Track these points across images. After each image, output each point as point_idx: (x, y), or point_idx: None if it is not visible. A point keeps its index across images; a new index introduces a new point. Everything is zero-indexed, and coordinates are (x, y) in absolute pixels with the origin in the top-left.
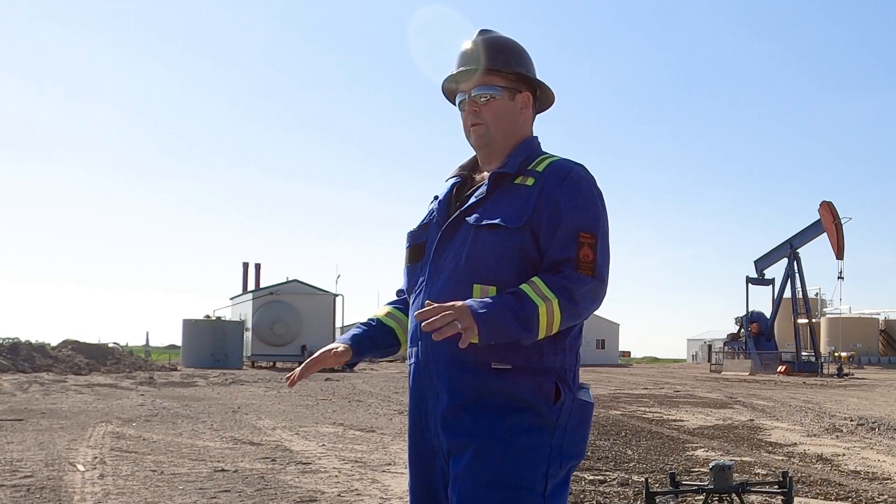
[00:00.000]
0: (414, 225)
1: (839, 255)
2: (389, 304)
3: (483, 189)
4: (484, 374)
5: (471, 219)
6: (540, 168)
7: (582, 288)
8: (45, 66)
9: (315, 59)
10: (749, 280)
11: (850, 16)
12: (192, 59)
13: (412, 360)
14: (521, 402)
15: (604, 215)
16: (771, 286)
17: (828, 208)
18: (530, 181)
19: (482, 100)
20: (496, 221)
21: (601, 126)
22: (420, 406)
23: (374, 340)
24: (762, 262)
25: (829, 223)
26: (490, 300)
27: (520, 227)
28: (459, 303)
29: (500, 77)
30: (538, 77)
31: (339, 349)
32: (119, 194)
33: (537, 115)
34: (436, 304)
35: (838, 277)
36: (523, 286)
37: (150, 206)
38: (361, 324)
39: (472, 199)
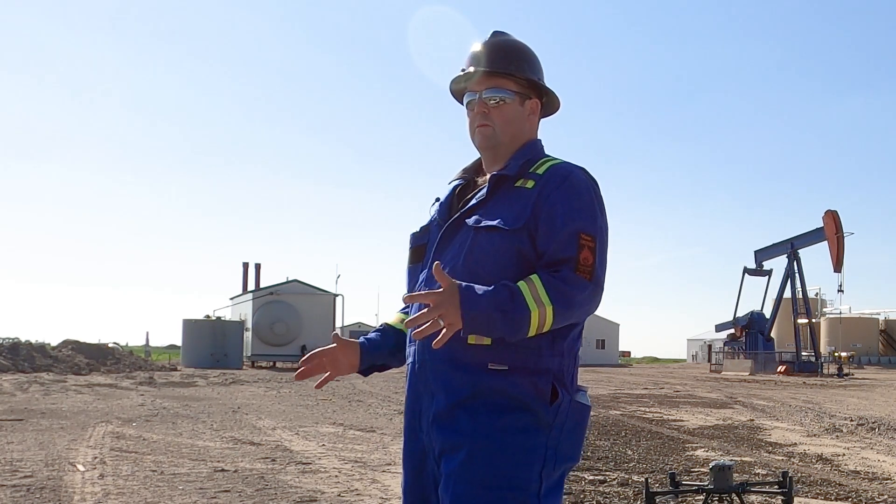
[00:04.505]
0: (416, 227)
1: (837, 267)
2: (401, 310)
3: (483, 191)
4: (480, 374)
5: (470, 221)
6: (540, 171)
7: (580, 294)
8: (45, 66)
9: (315, 59)
10: (747, 270)
11: (850, 16)
12: (192, 60)
13: (410, 360)
14: (517, 402)
15: (603, 219)
16: (768, 277)
17: (832, 218)
18: (530, 184)
19: (492, 102)
20: (495, 223)
21: (601, 126)
22: (415, 406)
23: (389, 345)
24: (762, 254)
25: (831, 233)
26: (483, 292)
27: (518, 229)
28: (451, 287)
29: (513, 81)
30: (546, 83)
31: (344, 346)
32: (119, 194)
33: (541, 120)
34: (427, 293)
35: (838, 290)
36: (521, 284)
37: (150, 205)
38: (374, 330)
39: (473, 202)
